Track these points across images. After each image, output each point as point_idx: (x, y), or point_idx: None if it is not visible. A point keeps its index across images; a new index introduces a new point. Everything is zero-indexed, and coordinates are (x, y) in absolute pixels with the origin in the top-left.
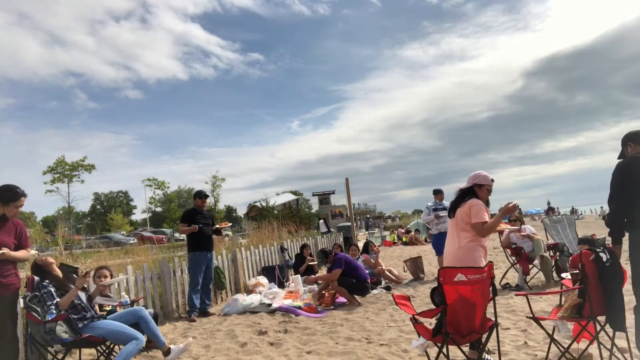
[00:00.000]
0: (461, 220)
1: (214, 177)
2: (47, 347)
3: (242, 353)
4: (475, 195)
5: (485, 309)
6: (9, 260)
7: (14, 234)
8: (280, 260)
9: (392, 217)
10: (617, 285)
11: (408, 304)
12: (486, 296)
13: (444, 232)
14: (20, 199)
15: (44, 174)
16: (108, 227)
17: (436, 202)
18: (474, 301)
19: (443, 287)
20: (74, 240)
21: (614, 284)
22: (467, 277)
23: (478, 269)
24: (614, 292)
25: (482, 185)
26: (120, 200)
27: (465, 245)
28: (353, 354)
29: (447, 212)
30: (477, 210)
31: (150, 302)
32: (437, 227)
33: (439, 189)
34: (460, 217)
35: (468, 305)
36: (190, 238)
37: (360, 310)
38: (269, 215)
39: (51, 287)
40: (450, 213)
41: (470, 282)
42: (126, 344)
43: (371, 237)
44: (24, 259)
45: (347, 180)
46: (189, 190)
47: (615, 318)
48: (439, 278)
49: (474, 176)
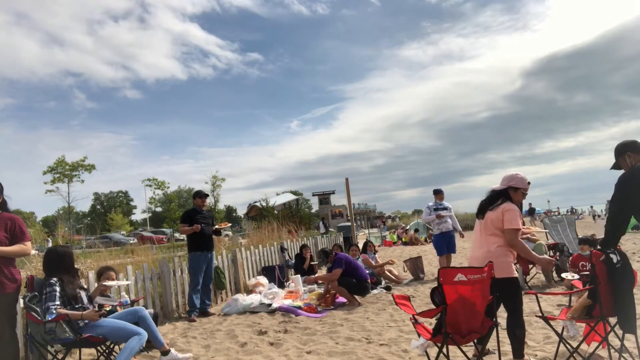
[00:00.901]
0: (491, 224)
1: (214, 177)
2: (47, 347)
3: (242, 353)
4: (509, 199)
5: (485, 309)
6: (7, 258)
7: (4, 228)
8: (280, 260)
9: (392, 217)
10: (627, 287)
11: (408, 304)
12: (486, 296)
13: (446, 232)
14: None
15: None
16: (108, 227)
17: (436, 202)
18: (474, 301)
19: (443, 287)
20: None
21: (625, 285)
22: (467, 277)
23: (478, 269)
24: (624, 293)
25: (517, 188)
26: (120, 200)
27: (495, 251)
28: (353, 354)
29: (448, 212)
30: (512, 217)
31: (150, 302)
32: (439, 227)
33: (439, 189)
34: (490, 220)
35: (468, 305)
36: (191, 238)
37: (360, 310)
38: (269, 215)
39: (57, 287)
40: (479, 214)
41: (471, 282)
42: (128, 341)
43: (371, 237)
44: (18, 253)
45: (347, 180)
46: (189, 190)
47: (626, 319)
48: (439, 278)
49: (510, 177)
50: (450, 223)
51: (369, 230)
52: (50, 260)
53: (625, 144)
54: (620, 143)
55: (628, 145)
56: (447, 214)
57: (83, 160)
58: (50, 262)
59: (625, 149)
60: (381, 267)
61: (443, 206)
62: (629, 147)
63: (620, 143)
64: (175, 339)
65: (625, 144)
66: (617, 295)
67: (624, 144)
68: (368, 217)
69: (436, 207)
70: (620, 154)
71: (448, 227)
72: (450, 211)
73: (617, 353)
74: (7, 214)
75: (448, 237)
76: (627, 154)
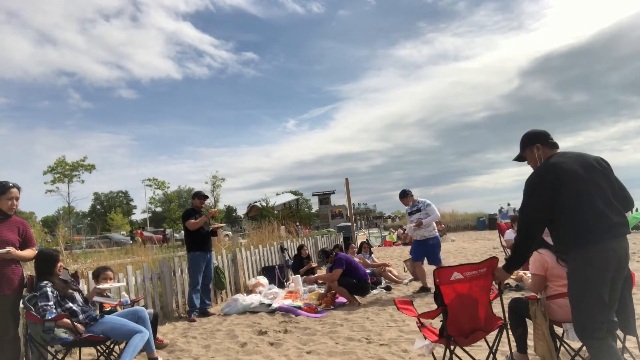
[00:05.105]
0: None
1: (214, 177)
2: (46, 346)
3: (242, 353)
4: None
5: (490, 306)
6: (13, 260)
7: (17, 232)
8: (280, 260)
9: (392, 217)
10: (626, 288)
11: (410, 308)
12: (487, 292)
13: (429, 239)
14: (10, 190)
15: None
16: (108, 227)
17: (411, 206)
18: (474, 298)
19: (440, 288)
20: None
21: (623, 286)
22: (463, 274)
23: (474, 265)
24: (623, 295)
25: None
26: (120, 200)
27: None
28: (353, 354)
29: (420, 213)
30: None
31: (150, 302)
32: (422, 234)
33: (403, 191)
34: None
35: (468, 303)
36: (190, 238)
37: (360, 310)
38: (269, 215)
39: (48, 287)
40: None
41: (467, 279)
42: (129, 339)
43: (371, 237)
44: (30, 258)
45: (347, 180)
46: (189, 190)
47: (626, 321)
48: (434, 279)
49: None
50: (431, 229)
51: (369, 230)
52: (38, 262)
53: (536, 133)
54: (530, 132)
55: (537, 136)
56: (413, 225)
57: (83, 160)
58: (39, 264)
59: (536, 139)
60: (379, 267)
61: (417, 207)
62: (538, 137)
63: (530, 132)
64: (175, 339)
65: (535, 134)
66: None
67: (534, 133)
68: (368, 217)
69: (410, 211)
70: (528, 144)
71: (424, 235)
72: (424, 208)
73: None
74: (17, 218)
75: (428, 246)
76: (537, 146)
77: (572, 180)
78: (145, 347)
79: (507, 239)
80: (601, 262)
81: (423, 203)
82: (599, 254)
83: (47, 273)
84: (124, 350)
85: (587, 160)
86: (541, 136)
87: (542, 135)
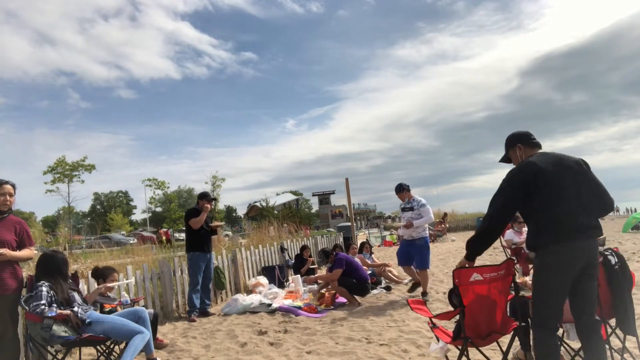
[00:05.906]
0: None
1: (214, 177)
2: (46, 347)
3: (242, 353)
4: None
5: (506, 308)
6: (11, 260)
7: (14, 231)
8: (280, 260)
9: (392, 217)
10: (626, 288)
11: (424, 308)
12: (506, 294)
13: (416, 239)
14: (3, 186)
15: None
16: (108, 227)
17: (406, 202)
18: (493, 300)
19: (459, 289)
20: (74, 240)
21: (623, 286)
22: (483, 275)
23: (494, 266)
24: (623, 295)
25: None
26: (120, 200)
27: None
28: (353, 354)
29: (412, 212)
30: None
31: (150, 302)
32: (409, 234)
33: (399, 186)
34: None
35: (487, 305)
36: (190, 238)
37: (360, 310)
38: (269, 215)
39: (44, 287)
40: None
41: (487, 281)
42: (130, 340)
43: (371, 237)
44: (26, 258)
45: (347, 180)
46: (189, 190)
47: (625, 321)
48: (454, 279)
49: None
50: (420, 230)
51: (369, 230)
52: (40, 263)
53: (516, 135)
54: (512, 134)
55: (519, 137)
56: (402, 224)
57: (83, 160)
58: (40, 265)
59: (516, 140)
60: (379, 267)
61: (410, 205)
62: (519, 138)
63: (512, 134)
64: (175, 339)
65: (515, 135)
66: (616, 297)
67: (514, 135)
68: (368, 217)
69: (403, 207)
70: (511, 145)
71: (412, 235)
72: (418, 208)
73: (619, 355)
74: (15, 217)
75: (414, 247)
76: (518, 146)
77: (546, 180)
78: (145, 347)
79: (507, 239)
80: (568, 258)
81: (418, 202)
82: (566, 251)
83: (48, 274)
84: (124, 350)
85: (566, 161)
86: (522, 137)
87: (523, 135)
